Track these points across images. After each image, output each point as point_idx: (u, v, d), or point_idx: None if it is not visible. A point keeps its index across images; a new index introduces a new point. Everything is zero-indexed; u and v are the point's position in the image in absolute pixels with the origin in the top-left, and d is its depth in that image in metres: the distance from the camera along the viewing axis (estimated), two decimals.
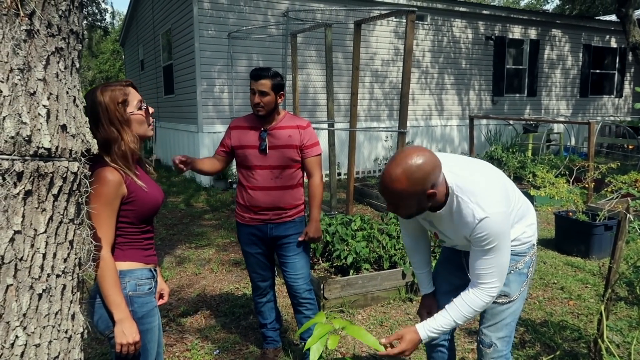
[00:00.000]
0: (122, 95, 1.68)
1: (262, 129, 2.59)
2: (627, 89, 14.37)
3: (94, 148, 1.35)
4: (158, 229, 5.98)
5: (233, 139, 2.64)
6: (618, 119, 13.82)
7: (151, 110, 1.80)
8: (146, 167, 1.85)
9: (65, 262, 1.27)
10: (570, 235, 4.96)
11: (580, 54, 13.16)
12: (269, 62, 8.73)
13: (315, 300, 2.78)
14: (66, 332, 1.29)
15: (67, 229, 1.27)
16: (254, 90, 2.53)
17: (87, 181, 1.33)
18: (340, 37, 9.33)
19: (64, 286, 1.28)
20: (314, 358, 1.45)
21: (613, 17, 14.74)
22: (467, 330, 3.32)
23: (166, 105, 11.18)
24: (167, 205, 7.30)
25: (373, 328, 3.38)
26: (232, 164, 2.84)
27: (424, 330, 1.78)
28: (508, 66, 12.01)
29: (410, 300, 3.77)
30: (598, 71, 13.71)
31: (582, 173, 6.50)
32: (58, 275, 1.25)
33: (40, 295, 1.21)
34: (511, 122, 11.28)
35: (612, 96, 14.12)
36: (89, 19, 19.57)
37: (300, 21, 6.94)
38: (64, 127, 1.23)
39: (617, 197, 5.15)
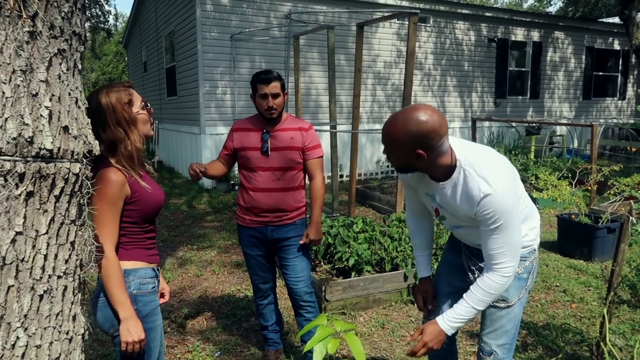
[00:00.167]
0: (127, 95, 1.71)
1: (264, 130, 2.59)
2: (630, 91, 14.34)
3: (96, 149, 1.35)
4: (160, 231, 5.99)
5: (235, 141, 2.64)
6: (621, 121, 13.79)
7: (151, 110, 1.83)
8: (146, 168, 1.88)
9: (67, 263, 1.27)
10: (572, 238, 4.95)
11: (583, 56, 13.14)
12: (272, 64, 8.74)
13: (316, 302, 2.78)
14: (67, 333, 1.29)
15: (69, 230, 1.28)
16: (265, 94, 2.49)
17: (88, 182, 1.33)
18: (342, 39, 9.34)
19: (65, 287, 1.28)
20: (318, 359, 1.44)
21: (616, 20, 14.70)
22: (468, 333, 3.31)
23: (169, 107, 11.21)
24: (169, 206, 7.30)
25: (375, 330, 3.37)
26: (234, 166, 2.84)
27: (443, 320, 1.77)
28: (511, 68, 12.00)
29: (412, 303, 3.76)
30: (601, 73, 13.69)
31: (585, 175, 6.48)
32: (59, 277, 1.25)
33: (41, 296, 1.21)
34: (514, 124, 11.27)
35: (615, 98, 14.09)
36: (93, 21, 19.64)
37: (303, 23, 6.95)
38: (66, 129, 1.23)
39: (620, 200, 5.13)
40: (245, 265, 4.65)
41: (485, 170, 1.65)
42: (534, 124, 10.92)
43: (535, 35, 12.20)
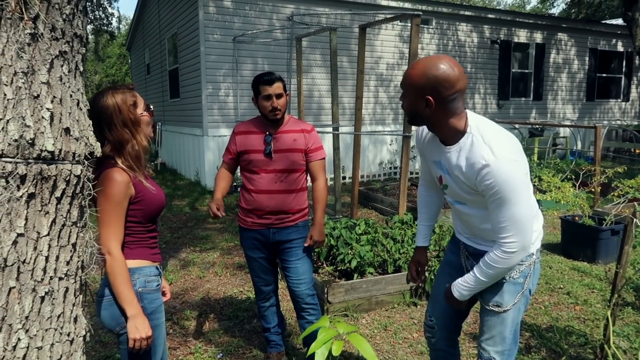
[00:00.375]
0: (132, 97, 1.75)
1: (266, 133, 2.59)
2: (634, 93, 14.29)
3: (97, 151, 1.35)
4: (163, 232, 5.99)
5: (238, 144, 2.63)
6: (625, 123, 13.74)
7: (153, 111, 1.88)
8: (146, 168, 1.92)
9: (68, 264, 1.28)
10: (576, 240, 4.93)
11: (587, 58, 13.11)
12: (274, 66, 8.75)
13: (318, 305, 2.77)
14: (68, 334, 1.29)
15: (70, 231, 1.28)
16: (269, 95, 2.49)
17: (90, 184, 1.33)
18: (345, 41, 9.34)
19: (67, 289, 1.28)
20: None
21: (619, 21, 14.67)
22: (472, 335, 3.30)
23: (171, 109, 11.23)
24: (172, 208, 7.31)
25: (377, 332, 3.37)
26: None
27: (454, 286, 1.86)
28: (514, 70, 11.98)
29: (415, 305, 3.75)
30: (604, 75, 13.65)
31: (589, 177, 6.46)
32: (61, 278, 1.25)
33: (42, 298, 1.21)
34: (517, 126, 11.25)
35: (619, 100, 14.04)
36: (96, 24, 19.70)
37: (305, 25, 6.95)
38: (67, 130, 1.23)
39: (623, 202, 5.11)
40: (247, 267, 4.65)
41: (493, 139, 1.63)
42: (537, 126, 10.89)
43: (538, 37, 12.18)
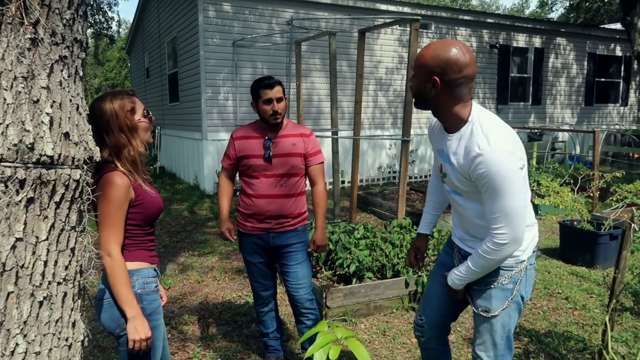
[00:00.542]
0: (130, 103, 1.78)
1: (265, 137, 2.59)
2: (633, 98, 14.33)
3: (97, 156, 1.35)
4: (161, 236, 5.98)
5: (237, 149, 2.62)
6: (623, 128, 13.77)
7: (152, 117, 1.91)
8: (144, 172, 1.95)
9: (67, 269, 1.27)
10: (574, 245, 4.93)
11: (585, 62, 13.15)
12: (274, 70, 8.77)
13: (317, 310, 2.77)
14: (66, 339, 1.29)
15: (69, 236, 1.28)
16: (270, 99, 2.49)
17: (89, 189, 1.33)
18: (344, 46, 9.36)
19: (65, 294, 1.28)
20: None
21: (618, 26, 14.73)
22: (470, 340, 3.29)
23: (171, 113, 11.24)
24: (170, 212, 7.31)
25: (375, 337, 3.36)
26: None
27: (450, 275, 1.89)
28: (512, 74, 12.01)
29: (414, 310, 3.75)
30: (603, 79, 13.69)
31: (587, 182, 6.47)
32: (59, 283, 1.25)
33: (41, 303, 1.21)
34: (515, 130, 11.25)
35: (618, 104, 14.08)
36: (96, 28, 19.73)
37: (305, 29, 6.97)
38: (66, 135, 1.23)
39: (622, 206, 5.12)
40: (246, 271, 4.65)
41: (491, 130, 1.66)
42: (536, 130, 10.91)
43: (537, 41, 12.22)
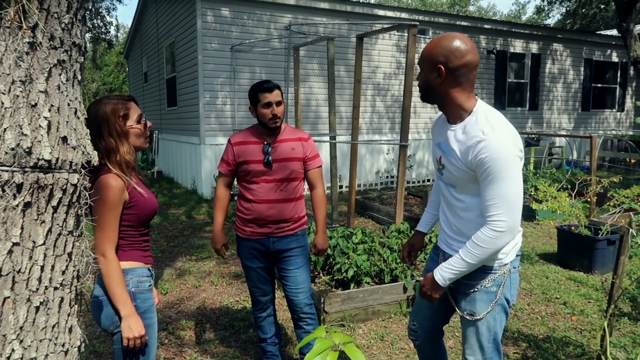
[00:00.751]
0: (123, 109, 1.80)
1: (264, 142, 2.58)
2: (629, 103, 14.39)
3: (94, 160, 1.35)
4: (159, 241, 5.97)
5: (236, 154, 2.60)
6: (620, 133, 13.82)
7: (149, 124, 1.92)
8: (139, 174, 1.98)
9: (64, 274, 1.27)
10: (572, 250, 4.93)
11: (582, 68, 13.21)
12: (272, 75, 8.78)
13: (315, 315, 2.75)
14: (63, 345, 1.28)
15: (66, 241, 1.27)
16: (269, 103, 2.48)
17: (87, 193, 1.33)
18: (342, 51, 9.39)
19: (62, 299, 1.27)
20: None
21: (614, 32, 14.81)
22: None
23: (169, 117, 11.23)
24: (168, 217, 7.29)
25: (374, 342, 3.35)
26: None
27: (437, 270, 1.84)
28: (510, 80, 12.05)
29: None
30: (600, 85, 13.75)
31: (585, 187, 6.48)
32: (56, 288, 1.24)
33: (37, 308, 1.20)
34: None
35: (614, 110, 14.14)
36: (94, 32, 19.73)
37: (303, 34, 6.99)
38: (64, 139, 1.23)
39: (619, 212, 5.12)
40: (244, 276, 4.63)
41: (496, 120, 1.72)
42: (533, 136, 10.93)
43: (534, 47, 12.28)
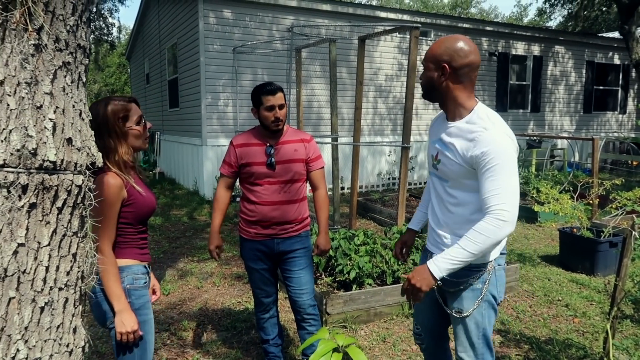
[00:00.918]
0: (123, 110, 1.83)
1: (267, 144, 2.59)
2: (631, 105, 14.38)
3: (99, 161, 1.35)
4: (161, 242, 5.97)
5: (239, 156, 2.60)
6: (622, 135, 13.81)
7: (149, 125, 1.96)
8: (139, 173, 2.02)
9: (68, 275, 1.27)
10: (574, 252, 4.93)
11: (584, 71, 13.20)
12: (274, 77, 8.79)
13: (319, 316, 2.76)
14: (67, 346, 1.28)
15: (71, 242, 1.27)
16: (272, 106, 2.48)
17: (91, 194, 1.33)
18: (344, 52, 9.40)
19: (66, 299, 1.27)
20: None
21: (616, 34, 14.81)
22: None
23: (171, 119, 11.25)
24: (170, 218, 7.30)
25: (375, 344, 3.35)
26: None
27: (433, 260, 1.76)
28: (511, 82, 12.05)
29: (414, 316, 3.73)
30: (601, 87, 13.74)
31: (586, 189, 6.48)
32: (60, 289, 1.25)
33: (42, 309, 1.20)
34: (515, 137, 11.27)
35: (616, 112, 14.13)
36: (96, 33, 19.79)
37: (305, 36, 7.00)
38: (69, 141, 1.23)
39: (621, 214, 5.12)
40: (246, 277, 4.63)
41: (496, 119, 1.80)
42: (535, 138, 10.92)
43: (536, 49, 12.27)
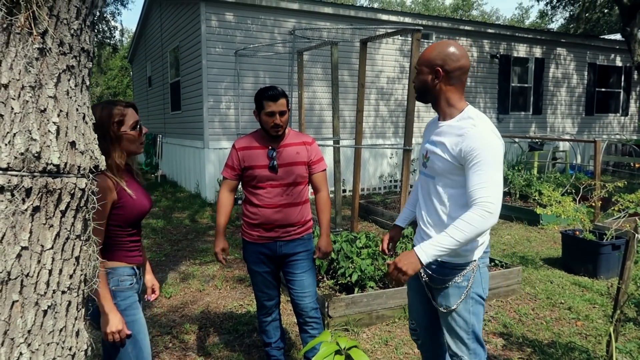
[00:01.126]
0: (119, 115, 1.86)
1: (269, 147, 2.59)
2: (633, 107, 14.36)
3: (102, 164, 1.36)
4: (163, 245, 5.98)
5: (242, 159, 2.60)
6: (624, 137, 13.79)
7: (145, 130, 1.98)
8: (137, 176, 2.04)
9: (71, 278, 1.27)
10: (577, 255, 4.91)
11: (586, 73, 13.20)
12: (276, 80, 8.80)
13: (321, 319, 2.75)
14: (70, 349, 1.28)
15: (74, 245, 1.27)
16: (273, 112, 2.48)
17: (94, 197, 1.34)
18: (346, 55, 9.41)
19: (69, 303, 1.27)
20: None
21: (618, 36, 14.80)
22: None
23: (173, 122, 11.27)
24: (172, 221, 7.30)
25: (378, 347, 3.34)
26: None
27: (420, 246, 1.79)
28: (513, 84, 12.05)
29: None
30: (603, 89, 13.73)
31: (589, 191, 6.46)
32: (63, 292, 1.25)
33: (45, 312, 1.21)
34: (517, 139, 11.27)
35: (618, 114, 14.11)
36: (99, 36, 19.84)
37: (307, 39, 7.01)
38: (73, 144, 1.23)
39: (624, 216, 5.11)
40: (248, 279, 4.63)
41: (485, 120, 1.87)
42: (536, 140, 10.92)
43: (538, 51, 12.27)
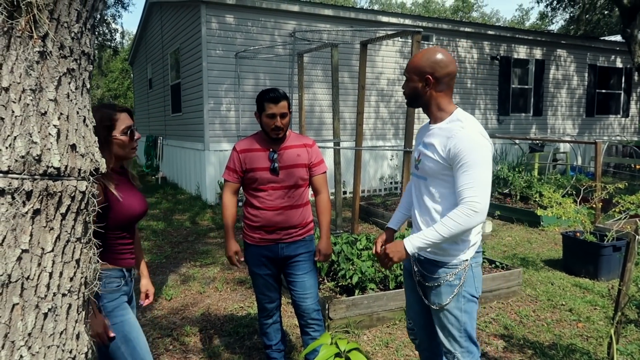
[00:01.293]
0: (109, 119, 1.88)
1: (270, 149, 2.59)
2: (634, 109, 14.36)
3: (103, 167, 1.36)
4: (163, 247, 5.98)
5: (243, 162, 2.60)
6: (625, 139, 13.78)
7: (137, 135, 2.00)
8: (132, 179, 2.05)
9: (72, 281, 1.27)
10: (578, 256, 4.91)
11: (586, 74, 13.20)
12: (276, 82, 8.81)
13: (322, 321, 2.75)
14: (70, 352, 1.28)
15: (74, 248, 1.28)
16: (273, 114, 2.48)
17: (95, 200, 1.34)
18: (346, 57, 9.42)
19: (70, 305, 1.27)
20: None
21: (618, 38, 14.81)
22: None
23: (173, 124, 11.28)
24: (172, 223, 7.30)
25: (378, 349, 3.34)
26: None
27: (407, 238, 1.91)
28: (513, 86, 12.05)
29: None
30: (604, 91, 13.73)
31: (589, 193, 6.46)
32: (64, 295, 1.25)
33: (45, 315, 1.21)
34: (517, 141, 11.27)
35: (619, 116, 14.10)
36: (99, 39, 19.88)
37: (307, 41, 7.02)
38: (73, 147, 1.24)
39: (625, 218, 5.10)
40: (248, 281, 4.63)
41: (474, 122, 1.92)
42: (537, 141, 10.92)
43: (538, 53, 12.28)
